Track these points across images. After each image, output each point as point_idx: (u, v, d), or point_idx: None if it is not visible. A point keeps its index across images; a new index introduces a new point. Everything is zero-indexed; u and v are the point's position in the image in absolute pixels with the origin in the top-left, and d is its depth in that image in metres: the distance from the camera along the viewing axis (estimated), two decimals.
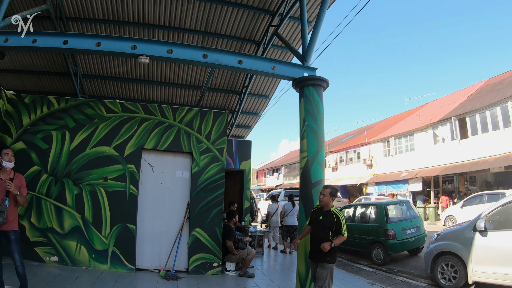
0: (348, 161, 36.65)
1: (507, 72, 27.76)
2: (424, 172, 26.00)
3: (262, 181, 59.96)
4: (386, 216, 10.59)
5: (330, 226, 5.06)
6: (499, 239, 6.61)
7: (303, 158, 6.35)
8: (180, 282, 7.19)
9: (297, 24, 9.83)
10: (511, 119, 20.61)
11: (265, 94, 13.63)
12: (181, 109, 8.54)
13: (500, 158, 20.59)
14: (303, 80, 6.69)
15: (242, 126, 16.20)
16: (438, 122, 25.87)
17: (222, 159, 8.58)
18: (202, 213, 8.19)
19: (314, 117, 6.43)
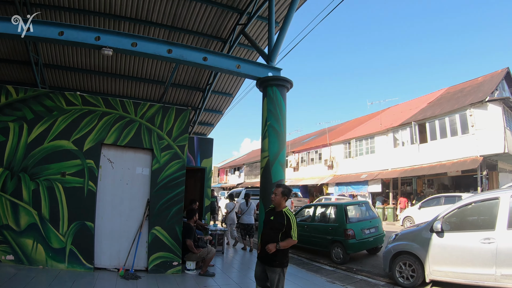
0: (310, 161, 36.98)
1: (467, 81, 29.04)
2: (383, 174, 26.65)
3: (223, 179, 59.79)
4: (346, 216, 10.70)
5: (280, 227, 4.90)
6: (455, 240, 6.93)
7: (264, 158, 6.34)
8: (140, 281, 7.02)
9: (265, 24, 9.79)
10: (469, 126, 21.51)
11: (229, 92, 13.58)
12: (143, 104, 8.36)
13: (457, 163, 21.49)
14: (267, 80, 6.69)
15: (204, 124, 16.08)
16: (399, 127, 26.56)
17: (183, 157, 8.46)
18: (162, 211, 8.04)
19: (277, 117, 6.43)
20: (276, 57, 7.24)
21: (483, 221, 6.89)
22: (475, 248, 6.53)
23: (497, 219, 6.49)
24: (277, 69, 6.98)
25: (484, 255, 6.36)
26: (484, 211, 7.02)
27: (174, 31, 9.80)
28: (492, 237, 6.34)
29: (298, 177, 37.62)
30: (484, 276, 6.32)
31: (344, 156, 31.93)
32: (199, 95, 13.45)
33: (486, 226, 6.67)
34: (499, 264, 6.14)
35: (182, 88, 12.91)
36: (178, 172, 8.35)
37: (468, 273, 6.58)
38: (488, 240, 6.35)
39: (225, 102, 14.40)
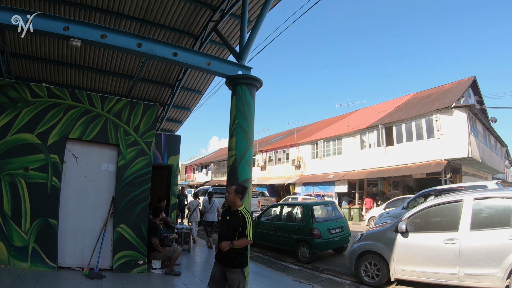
0: (277, 161, 37.11)
1: (434, 88, 30.27)
2: (350, 175, 27.00)
3: (190, 177, 59.35)
4: (312, 216, 10.76)
5: (236, 227, 4.81)
6: (419, 240, 7.14)
7: (231, 156, 6.28)
8: (105, 281, 6.84)
9: (237, 22, 9.70)
10: (435, 130, 22.12)
11: (198, 89, 13.42)
12: (110, 99, 8.16)
13: (422, 166, 22.07)
14: (236, 78, 6.63)
15: (172, 120, 15.87)
16: (366, 129, 26.95)
17: (150, 153, 8.33)
18: (127, 209, 7.86)
19: (245, 116, 6.38)
20: (247, 56, 7.20)
21: (446, 222, 7.09)
22: (439, 248, 6.73)
23: (460, 220, 6.70)
24: (248, 67, 6.94)
25: (448, 255, 6.57)
26: (448, 212, 7.22)
27: (146, 25, 9.56)
28: (456, 237, 6.55)
29: (265, 176, 37.74)
30: (448, 275, 6.53)
31: (312, 157, 32.17)
32: (168, 91, 13.24)
33: (449, 227, 6.87)
34: (462, 263, 6.36)
35: (151, 83, 12.66)
36: (145, 169, 8.21)
37: (432, 272, 6.78)
38: (452, 241, 6.56)
39: (194, 99, 14.23)
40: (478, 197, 6.87)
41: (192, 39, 10.27)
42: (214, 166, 49.27)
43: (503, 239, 6.09)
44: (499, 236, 6.17)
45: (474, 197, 6.86)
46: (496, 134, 30.40)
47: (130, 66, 11.54)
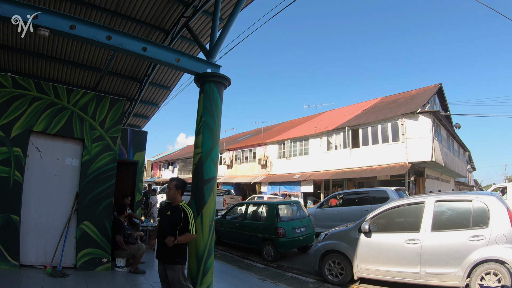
0: (244, 159, 37.19)
1: (401, 93, 31.24)
2: (316, 175, 27.34)
3: (157, 174, 58.61)
4: (277, 215, 10.83)
5: (177, 222, 4.79)
6: (381, 240, 7.38)
7: (197, 154, 6.25)
8: (68, 279, 6.67)
9: (209, 20, 9.58)
10: (400, 134, 22.68)
11: (166, 85, 13.23)
12: (77, 92, 7.98)
13: (387, 168, 22.65)
14: (205, 76, 6.60)
15: (139, 116, 15.57)
16: (333, 131, 27.30)
17: (115, 149, 8.19)
18: (91, 205, 7.69)
19: (212, 114, 6.36)
20: (216, 54, 7.17)
21: (408, 223, 7.35)
22: (401, 248, 6.97)
23: (422, 221, 6.97)
24: (217, 66, 6.92)
25: (410, 254, 6.82)
26: (410, 214, 7.50)
27: (117, 17, 9.28)
28: (417, 238, 6.81)
29: (231, 175, 37.76)
30: (410, 274, 6.79)
31: (278, 156, 32.38)
32: (136, 86, 12.96)
33: (411, 228, 7.13)
34: (424, 263, 6.63)
35: (119, 77, 12.34)
36: (109, 164, 8.07)
37: (394, 271, 7.03)
38: (413, 241, 6.82)
39: (162, 95, 14.00)
40: (440, 200, 7.13)
41: (163, 34, 10.12)
42: (180, 163, 48.86)
43: (464, 239, 6.39)
44: (460, 237, 6.47)
45: (435, 199, 7.12)
46: (460, 140, 31.38)
47: (98, 59, 11.21)
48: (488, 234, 6.25)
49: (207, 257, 5.80)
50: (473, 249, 6.27)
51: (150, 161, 59.51)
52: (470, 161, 47.52)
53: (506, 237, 6.14)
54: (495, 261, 6.07)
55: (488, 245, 6.18)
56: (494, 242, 6.17)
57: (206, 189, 6.03)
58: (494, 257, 6.09)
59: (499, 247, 6.12)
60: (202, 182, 6.05)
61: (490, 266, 6.09)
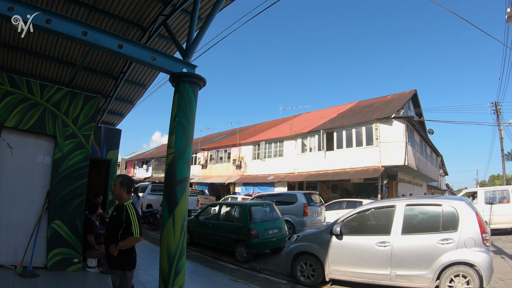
0: (218, 160, 37.09)
1: (377, 98, 31.86)
2: (290, 177, 27.49)
3: (131, 172, 57.70)
4: (250, 216, 10.89)
5: (120, 223, 4.48)
6: (353, 242, 7.49)
7: (170, 154, 6.20)
8: (39, 279, 6.55)
9: (188, 19, 9.44)
10: (374, 138, 22.99)
11: (142, 83, 13.07)
12: (51, 87, 7.83)
13: (360, 171, 22.88)
14: (180, 75, 6.55)
15: (114, 113, 15.32)
16: (308, 133, 27.53)
17: (88, 147, 8.08)
18: (63, 204, 7.55)
19: (186, 114, 6.32)
20: (193, 54, 7.13)
21: (379, 226, 7.50)
22: (371, 251, 7.09)
23: (392, 225, 7.10)
24: (193, 65, 6.87)
25: (380, 257, 6.95)
26: (381, 217, 7.65)
27: (94, 12, 9.02)
28: (388, 241, 6.94)
29: (206, 175, 37.63)
30: (380, 276, 6.93)
31: (253, 157, 32.46)
32: (111, 83, 12.73)
33: (382, 231, 7.27)
34: (394, 265, 6.77)
35: (94, 73, 12.02)
36: (82, 163, 7.96)
37: (365, 273, 7.15)
38: (384, 244, 6.94)
39: (137, 92, 13.79)
40: (410, 204, 7.30)
41: (140, 31, 9.98)
42: (155, 162, 48.38)
43: (433, 243, 6.56)
44: (429, 240, 6.64)
45: (406, 203, 7.28)
46: (432, 145, 32.11)
47: (74, 54, 10.90)
48: (457, 238, 6.42)
49: (179, 257, 5.76)
50: (442, 252, 6.43)
51: (124, 159, 58.67)
52: (442, 166, 48.53)
53: (475, 241, 6.33)
54: (464, 263, 6.27)
55: (457, 248, 6.36)
56: (463, 245, 6.35)
57: (178, 189, 5.97)
58: (463, 260, 6.28)
59: (468, 250, 6.31)
60: (175, 183, 6.00)
61: (459, 269, 6.28)
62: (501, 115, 28.44)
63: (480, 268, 6.14)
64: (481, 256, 6.23)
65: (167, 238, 5.75)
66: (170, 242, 5.69)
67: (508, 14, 10.25)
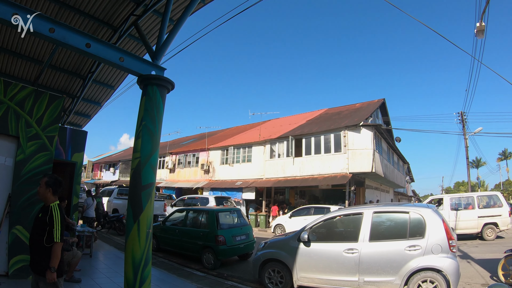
0: (187, 164, 36.69)
1: (345, 105, 32.40)
2: (258, 183, 27.41)
3: (97, 175, 56.51)
4: (217, 222, 10.83)
5: (44, 226, 4.14)
6: (321, 249, 7.51)
7: (136, 159, 6.03)
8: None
9: (159, 20, 9.33)
10: (342, 145, 23.15)
11: (110, 84, 12.75)
12: (15, 85, 7.53)
13: (328, 177, 22.97)
14: (149, 78, 6.42)
15: (81, 114, 14.88)
16: (277, 139, 27.51)
17: (51, 149, 7.82)
18: (25, 208, 7.25)
19: (153, 118, 6.18)
20: (162, 56, 7.01)
21: (347, 233, 7.58)
22: (339, 257, 7.11)
23: (360, 232, 7.16)
24: (162, 68, 6.75)
25: (348, 263, 6.98)
26: (348, 224, 7.75)
27: (65, 9, 8.65)
28: (356, 248, 6.99)
29: (174, 179, 37.23)
30: (348, 282, 6.96)
31: (221, 162, 32.25)
32: (79, 83, 12.32)
33: (350, 238, 7.33)
34: (362, 271, 6.82)
35: (61, 72, 11.61)
36: (45, 165, 7.69)
37: (333, 280, 7.17)
38: (352, 251, 6.98)
39: (105, 93, 13.44)
40: (378, 211, 7.38)
41: (111, 30, 9.70)
42: (122, 165, 47.52)
43: (401, 249, 6.65)
44: (397, 246, 6.73)
45: (373, 210, 7.36)
46: (399, 152, 32.73)
47: (41, 51, 10.45)
48: (424, 244, 6.54)
49: (144, 265, 5.62)
50: (410, 258, 6.52)
51: (91, 162, 57.62)
52: (409, 173, 49.46)
53: (442, 247, 6.47)
54: (431, 269, 6.39)
55: (425, 255, 6.48)
56: (430, 251, 6.48)
57: (143, 195, 5.82)
58: (430, 265, 6.40)
59: (435, 256, 6.44)
60: (140, 188, 5.84)
61: (427, 274, 6.40)
62: (466, 124, 29.23)
63: (447, 273, 6.27)
64: (448, 261, 6.38)
65: (132, 245, 5.61)
66: (135, 250, 5.56)
67: (477, 28, 10.50)
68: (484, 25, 10.43)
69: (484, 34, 10.77)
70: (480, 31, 10.52)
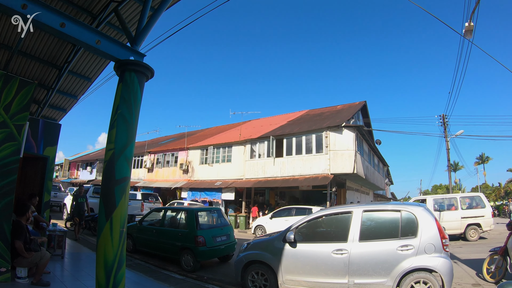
0: (165, 163, 36.14)
1: (327, 107, 32.44)
2: (238, 183, 27.07)
3: (74, 174, 55.37)
4: (197, 223, 10.40)
5: None
6: (307, 250, 7.14)
7: (109, 150, 5.54)
8: None
9: (140, 8, 8.88)
10: (323, 146, 23.00)
11: (88, 76, 12.05)
12: None
13: (309, 178, 22.79)
14: (126, 63, 5.97)
15: (56, 108, 14.06)
16: (257, 139, 27.23)
17: (19, 139, 7.18)
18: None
19: (129, 107, 5.72)
20: (142, 42, 6.58)
21: (336, 233, 7.21)
22: (328, 258, 6.77)
23: (349, 232, 6.82)
24: (141, 54, 6.32)
25: (337, 265, 6.65)
26: (337, 223, 7.38)
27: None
28: (345, 248, 6.66)
29: (152, 179, 36.68)
30: (338, 285, 6.64)
31: (201, 162, 31.82)
32: (54, 73, 11.49)
33: (338, 238, 6.97)
34: (352, 273, 6.51)
35: (35, 60, 10.64)
36: (11, 157, 7.00)
37: (321, 282, 6.82)
38: (341, 251, 6.65)
39: (82, 86, 12.58)
40: (367, 209, 7.07)
41: (90, 18, 9.05)
42: (100, 164, 46.55)
43: (392, 249, 6.40)
44: (389, 246, 6.46)
45: (363, 209, 7.04)
46: (380, 155, 32.84)
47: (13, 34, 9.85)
48: (416, 244, 6.32)
49: (117, 268, 5.14)
50: (402, 259, 6.29)
51: (67, 160, 56.63)
52: (388, 175, 49.78)
53: (435, 246, 6.29)
54: (425, 270, 6.22)
55: (417, 255, 6.27)
56: (423, 251, 6.27)
57: (117, 190, 5.33)
58: (423, 266, 6.21)
59: (428, 256, 6.25)
60: (113, 183, 5.35)
61: (420, 275, 6.21)
62: (448, 127, 29.41)
63: (441, 273, 6.10)
64: (442, 261, 6.21)
65: (104, 245, 5.12)
66: (107, 251, 5.08)
67: (466, 28, 10.40)
68: (472, 25, 10.36)
69: (473, 34, 10.65)
70: (468, 31, 10.41)
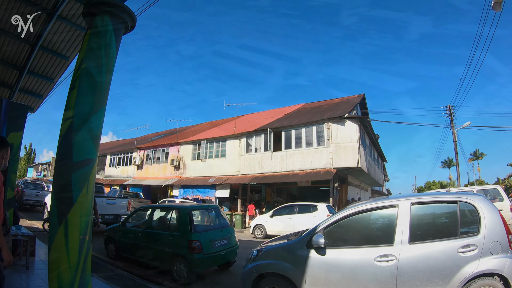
0: (155, 160, 34.93)
1: (324, 100, 31.65)
2: (233, 179, 25.96)
3: None
4: (191, 224, 8.60)
5: None
6: (340, 258, 5.50)
7: (67, 120, 3.80)
8: None
9: None
10: (325, 139, 22.00)
11: (65, 55, 10.34)
12: None
13: (310, 173, 21.85)
14: (98, 3, 4.27)
15: (30, 93, 12.13)
16: (253, 132, 26.08)
17: None
18: None
19: (99, 61, 4.03)
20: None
21: (377, 235, 5.63)
22: (370, 268, 5.20)
23: (395, 231, 5.24)
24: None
25: (382, 275, 5.12)
26: (378, 222, 5.78)
27: None
28: (391, 253, 5.10)
29: (141, 176, 35.48)
30: None
31: (193, 158, 30.64)
32: (25, 49, 9.69)
33: (381, 240, 5.41)
34: (402, 285, 5.03)
35: None
36: None
37: None
38: (387, 258, 5.09)
39: (59, 66, 10.86)
40: (417, 201, 5.48)
41: None
42: None
43: (452, 252, 4.99)
44: (447, 248, 5.03)
45: (411, 201, 5.42)
46: (380, 149, 32.07)
47: None
48: (480, 243, 4.94)
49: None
50: (464, 263, 4.88)
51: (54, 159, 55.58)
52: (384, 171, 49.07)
53: (501, 245, 4.95)
54: (491, 275, 4.88)
55: (482, 257, 4.89)
56: (488, 252, 4.91)
57: (75, 178, 3.65)
58: (490, 270, 4.88)
59: (494, 257, 4.91)
60: (70, 167, 3.63)
61: (485, 282, 4.85)
62: (455, 118, 28.25)
63: (509, 278, 4.77)
64: (510, 262, 4.86)
65: (56, 262, 3.40)
66: (61, 270, 3.39)
67: (495, 0, 9.55)
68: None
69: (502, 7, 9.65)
70: (497, 3, 9.47)
